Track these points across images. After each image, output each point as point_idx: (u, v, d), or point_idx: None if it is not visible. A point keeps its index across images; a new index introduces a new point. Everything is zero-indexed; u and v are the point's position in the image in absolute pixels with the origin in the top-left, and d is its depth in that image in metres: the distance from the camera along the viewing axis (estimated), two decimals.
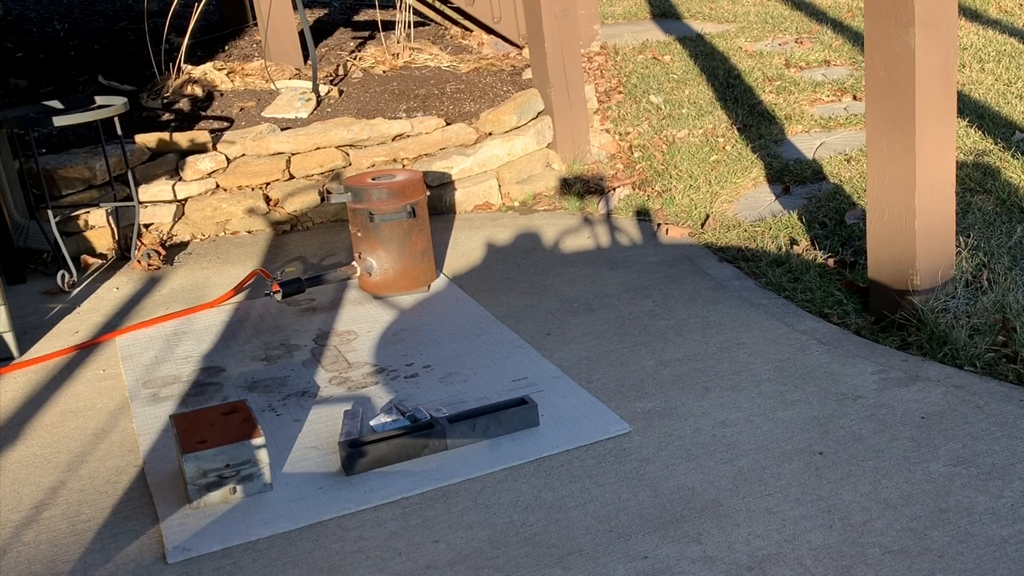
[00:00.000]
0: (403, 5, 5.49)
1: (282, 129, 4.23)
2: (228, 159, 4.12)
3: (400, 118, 4.37)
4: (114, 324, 3.34)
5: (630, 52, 6.02)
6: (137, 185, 3.99)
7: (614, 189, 4.26)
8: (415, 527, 2.11)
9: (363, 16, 6.49)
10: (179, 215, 4.08)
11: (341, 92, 4.73)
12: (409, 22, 5.54)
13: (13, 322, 3.12)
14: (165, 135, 4.11)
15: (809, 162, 4.23)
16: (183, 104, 4.58)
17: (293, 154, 4.14)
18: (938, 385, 2.50)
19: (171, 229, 4.08)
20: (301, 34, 5.14)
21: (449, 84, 4.85)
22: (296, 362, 2.95)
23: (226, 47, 5.59)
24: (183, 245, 4.05)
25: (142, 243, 3.95)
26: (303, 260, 3.82)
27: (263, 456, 2.25)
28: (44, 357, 3.08)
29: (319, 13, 6.64)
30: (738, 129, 4.70)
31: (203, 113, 4.51)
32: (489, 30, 5.72)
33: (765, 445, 2.30)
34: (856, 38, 6.04)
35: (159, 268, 3.84)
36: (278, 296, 3.22)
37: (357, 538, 2.09)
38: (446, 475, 2.28)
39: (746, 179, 4.17)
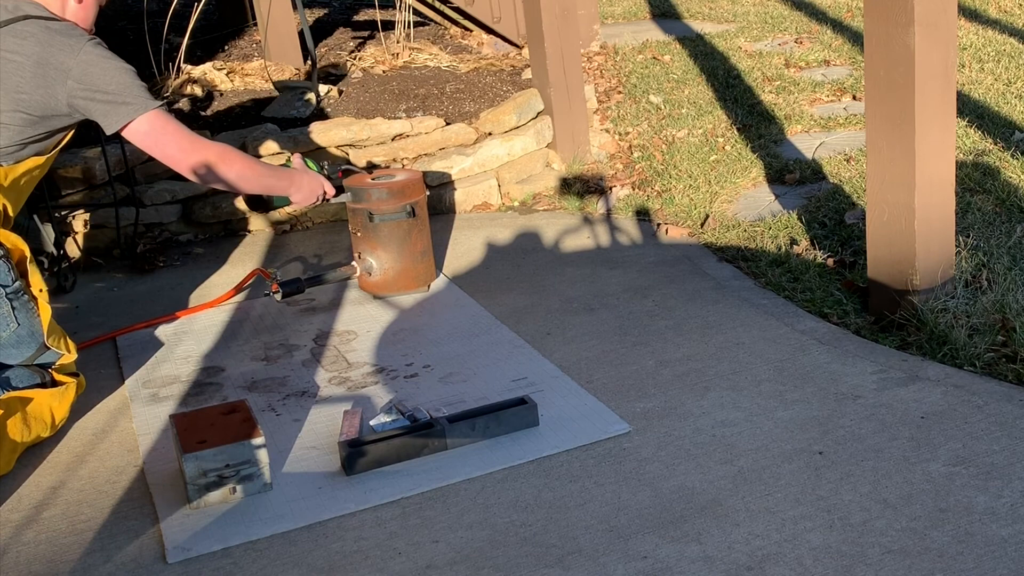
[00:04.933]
0: (403, 5, 5.49)
1: (282, 129, 4.23)
2: None
3: (400, 118, 4.38)
4: (114, 324, 3.34)
5: (630, 52, 6.02)
6: (137, 184, 3.99)
7: (613, 189, 4.26)
8: (415, 527, 2.11)
9: (363, 16, 6.49)
10: (179, 214, 4.08)
11: (340, 92, 4.73)
12: (409, 22, 5.54)
13: None
14: None
15: (809, 162, 4.23)
16: (183, 104, 4.58)
17: (293, 153, 4.14)
18: (938, 385, 2.51)
19: (171, 228, 4.08)
20: (301, 34, 5.13)
21: (449, 84, 4.85)
22: (296, 362, 2.95)
23: (226, 47, 5.59)
24: (183, 244, 4.06)
25: (142, 243, 3.95)
26: (303, 260, 3.82)
27: (263, 456, 2.25)
28: None
29: (319, 13, 6.64)
30: (738, 129, 4.70)
31: (203, 113, 4.51)
32: (489, 30, 5.72)
33: (765, 445, 2.30)
34: (856, 38, 6.04)
35: (159, 268, 3.84)
36: (278, 296, 3.22)
37: (357, 538, 2.09)
38: (446, 475, 2.28)
39: (746, 179, 4.17)
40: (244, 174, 2.83)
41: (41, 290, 2.62)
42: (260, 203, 3.09)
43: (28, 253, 2.63)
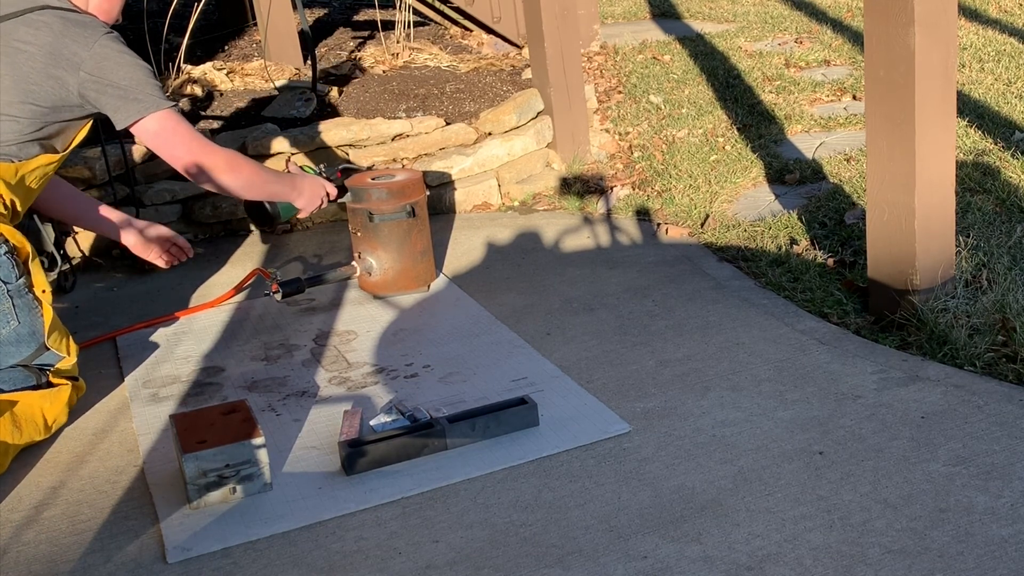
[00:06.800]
0: (403, 5, 5.49)
1: (282, 129, 4.23)
2: None
3: (400, 118, 4.38)
4: (114, 324, 3.34)
5: (630, 52, 6.02)
6: (137, 184, 3.99)
7: (613, 189, 4.26)
8: (415, 527, 2.11)
9: (363, 16, 6.49)
10: (179, 214, 4.08)
11: (341, 92, 4.74)
12: (409, 22, 5.54)
13: None
14: None
15: (809, 162, 4.23)
16: (183, 104, 4.58)
17: (293, 154, 4.14)
18: (938, 385, 2.51)
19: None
20: (301, 34, 5.13)
21: (449, 84, 4.85)
22: (296, 362, 2.95)
23: (226, 47, 5.59)
24: None
25: None
26: (303, 260, 3.82)
27: (263, 456, 2.25)
28: None
29: (319, 13, 6.64)
30: (738, 129, 4.70)
31: (203, 113, 4.51)
32: (489, 30, 5.72)
33: (765, 445, 2.30)
34: (856, 38, 6.04)
35: (159, 268, 3.83)
36: (278, 296, 3.21)
37: (357, 538, 2.09)
38: (446, 475, 2.28)
39: (746, 179, 4.17)
40: (252, 181, 2.83)
41: (44, 291, 2.61)
42: (266, 218, 3.08)
43: (32, 252, 2.63)
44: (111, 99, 2.61)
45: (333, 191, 3.14)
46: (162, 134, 2.68)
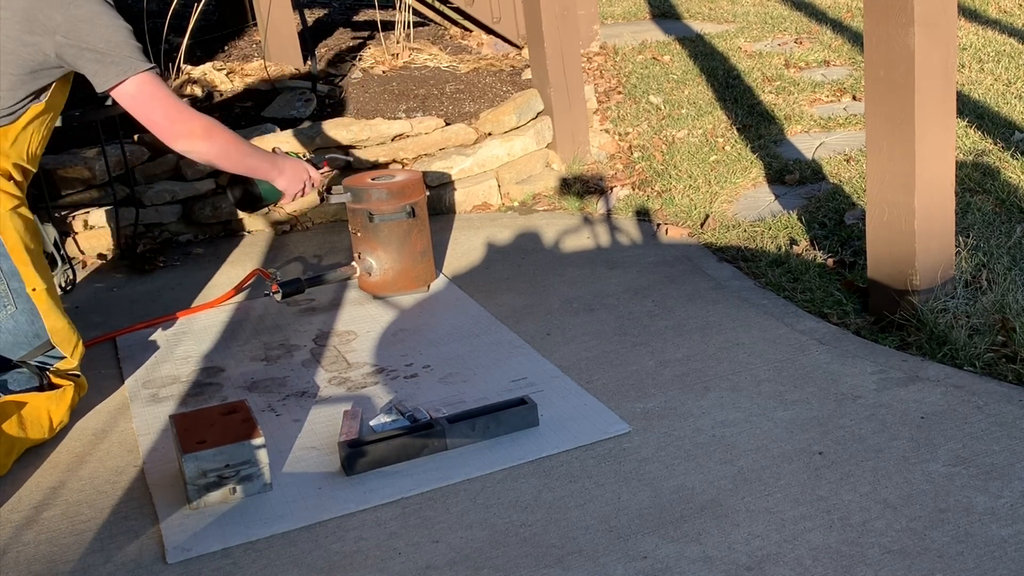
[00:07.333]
0: (403, 5, 5.49)
1: (282, 129, 4.23)
2: None
3: (400, 118, 4.38)
4: (114, 324, 3.34)
5: (630, 52, 6.02)
6: (137, 185, 3.99)
7: (613, 189, 4.26)
8: (415, 527, 2.11)
9: (363, 16, 6.49)
10: (179, 215, 4.08)
11: (341, 92, 4.73)
12: (409, 22, 5.54)
13: None
14: None
15: (809, 162, 4.23)
16: None
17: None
18: (938, 385, 2.51)
19: (171, 229, 4.08)
20: (301, 34, 5.14)
21: (449, 84, 4.85)
22: (296, 362, 2.95)
23: (226, 47, 5.59)
24: (183, 244, 4.06)
25: (142, 243, 3.95)
26: (303, 260, 3.82)
27: (263, 456, 2.25)
28: None
29: (319, 13, 6.64)
30: (737, 129, 4.70)
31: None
32: (489, 30, 5.72)
33: (765, 445, 2.30)
34: (856, 38, 6.04)
35: (159, 268, 3.84)
36: (277, 296, 3.21)
37: (357, 538, 2.09)
38: (446, 475, 2.28)
39: (746, 179, 4.17)
40: (228, 150, 2.73)
41: (34, 289, 2.58)
42: (249, 199, 3.01)
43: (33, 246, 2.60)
44: (89, 63, 2.53)
45: (317, 176, 3.03)
46: (139, 97, 2.59)
